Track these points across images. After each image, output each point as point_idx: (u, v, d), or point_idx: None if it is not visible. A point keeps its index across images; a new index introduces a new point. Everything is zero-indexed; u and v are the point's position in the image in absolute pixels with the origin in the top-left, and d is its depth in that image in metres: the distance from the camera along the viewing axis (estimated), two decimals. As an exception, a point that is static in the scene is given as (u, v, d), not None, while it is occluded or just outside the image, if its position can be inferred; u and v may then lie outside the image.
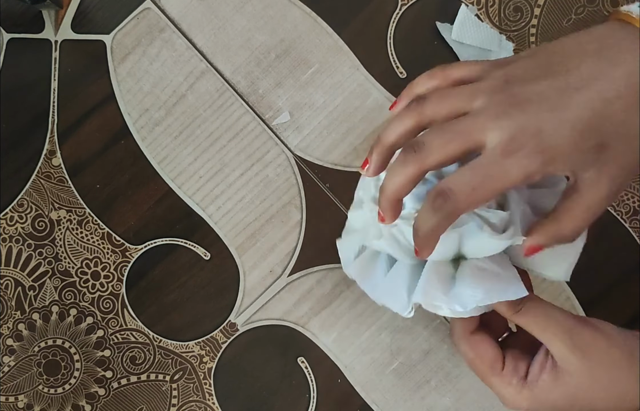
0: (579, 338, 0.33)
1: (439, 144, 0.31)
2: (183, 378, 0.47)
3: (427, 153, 0.31)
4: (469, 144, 0.31)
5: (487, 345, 0.35)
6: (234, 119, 0.48)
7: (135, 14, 0.49)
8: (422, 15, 0.48)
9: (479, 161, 0.30)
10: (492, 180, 0.30)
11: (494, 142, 0.30)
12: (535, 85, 0.31)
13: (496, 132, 0.30)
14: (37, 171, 0.48)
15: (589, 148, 0.30)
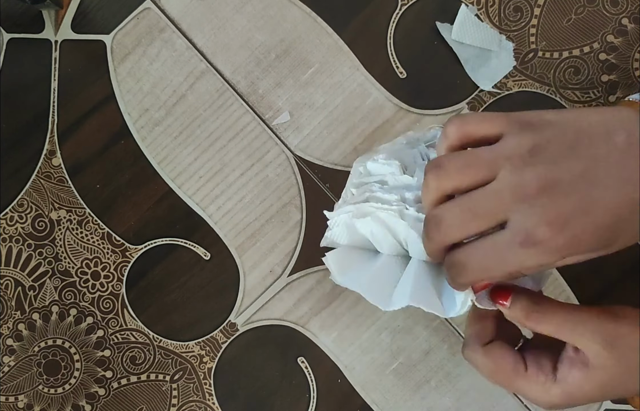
0: (607, 333, 0.32)
1: (459, 223, 0.31)
2: (183, 378, 0.47)
3: (447, 231, 0.31)
4: (490, 224, 0.30)
5: (504, 351, 0.35)
6: (234, 119, 0.48)
7: (135, 14, 0.49)
8: (422, 15, 0.48)
9: (497, 241, 0.30)
10: (506, 265, 0.30)
11: (515, 226, 0.29)
12: (562, 168, 0.30)
13: (519, 217, 0.29)
14: (37, 171, 0.48)
15: (601, 247, 0.30)
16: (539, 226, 0.29)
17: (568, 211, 0.29)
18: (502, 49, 0.47)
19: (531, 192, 0.29)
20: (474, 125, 0.32)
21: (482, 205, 0.30)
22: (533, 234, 0.29)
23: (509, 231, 0.30)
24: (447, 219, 0.31)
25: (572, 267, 0.45)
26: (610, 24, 0.47)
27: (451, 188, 0.31)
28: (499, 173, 0.30)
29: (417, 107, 0.47)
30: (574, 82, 0.47)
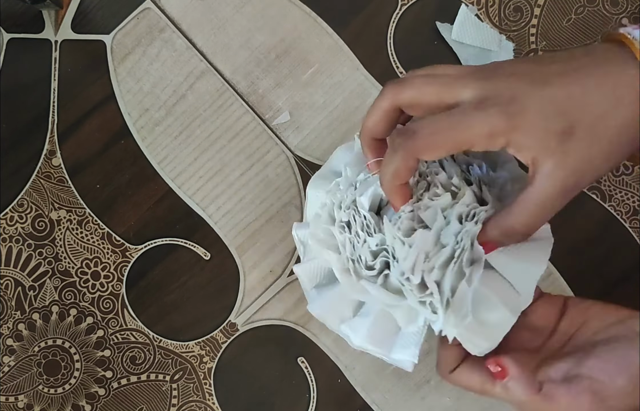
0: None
1: (418, 83, 0.31)
2: (183, 378, 0.47)
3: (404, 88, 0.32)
4: (445, 93, 0.31)
5: (470, 375, 0.35)
6: (234, 119, 0.48)
7: (135, 14, 0.49)
8: (422, 15, 0.48)
9: (449, 111, 0.31)
10: (456, 129, 0.30)
11: (468, 97, 0.30)
12: (521, 65, 0.31)
13: (473, 89, 0.30)
14: (37, 171, 0.48)
15: (556, 130, 0.30)
16: (489, 93, 0.30)
17: (521, 86, 0.30)
18: (502, 49, 0.47)
19: (488, 75, 0.31)
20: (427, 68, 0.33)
21: (442, 77, 0.31)
22: (484, 99, 0.30)
23: (466, 102, 0.30)
24: (408, 78, 0.32)
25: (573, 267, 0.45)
26: (610, 24, 0.47)
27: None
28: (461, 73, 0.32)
29: (417, 107, 0.47)
30: (574, 82, 0.47)
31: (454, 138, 0.30)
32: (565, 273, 0.46)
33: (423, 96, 0.31)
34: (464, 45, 0.47)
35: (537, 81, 0.30)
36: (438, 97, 0.31)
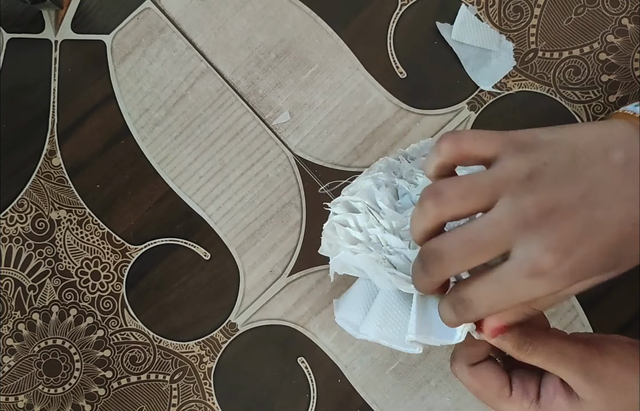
0: (592, 368, 0.32)
1: (461, 256, 0.30)
2: (183, 378, 0.47)
3: (449, 265, 0.30)
4: (492, 256, 0.29)
5: (491, 373, 0.34)
6: (234, 119, 0.48)
7: (135, 14, 0.49)
8: (422, 15, 0.48)
9: (503, 274, 0.29)
10: (514, 297, 0.29)
11: (519, 257, 0.29)
12: (562, 192, 0.29)
13: (523, 247, 0.29)
14: (37, 171, 0.48)
15: (610, 268, 0.30)
16: (543, 255, 0.28)
17: (571, 236, 0.29)
18: (502, 48, 0.47)
19: (532, 220, 0.29)
20: (469, 143, 0.31)
21: (483, 235, 0.29)
22: (538, 263, 0.28)
23: (513, 262, 0.29)
24: (449, 252, 0.30)
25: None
26: (610, 23, 0.47)
27: (450, 216, 0.30)
28: (498, 201, 0.30)
29: (417, 107, 0.47)
30: (574, 82, 0.47)
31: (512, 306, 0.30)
32: (565, 273, 0.46)
33: (470, 266, 0.30)
34: (464, 45, 0.47)
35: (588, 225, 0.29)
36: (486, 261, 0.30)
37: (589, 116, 0.47)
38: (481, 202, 0.30)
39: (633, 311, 0.45)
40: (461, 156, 0.31)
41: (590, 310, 0.46)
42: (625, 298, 0.46)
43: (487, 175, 0.30)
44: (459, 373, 0.35)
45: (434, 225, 0.31)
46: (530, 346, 0.33)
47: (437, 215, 0.30)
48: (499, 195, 0.29)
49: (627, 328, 0.45)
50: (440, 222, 0.30)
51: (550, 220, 0.29)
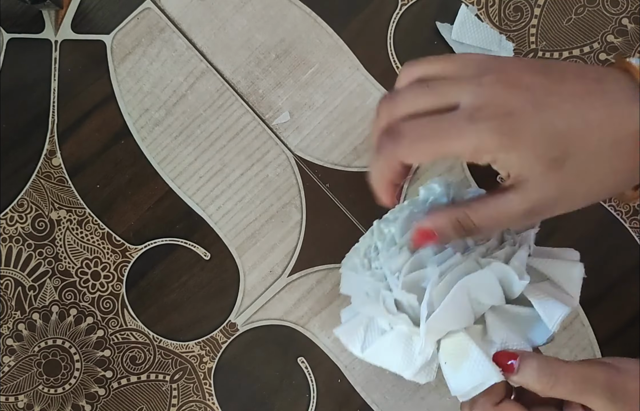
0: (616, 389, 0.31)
1: (411, 96, 0.30)
2: (183, 378, 0.47)
3: (398, 103, 0.30)
4: (440, 101, 0.29)
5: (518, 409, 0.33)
6: (234, 119, 0.48)
7: (135, 14, 0.49)
8: (422, 15, 0.48)
9: (440, 116, 0.29)
10: (443, 137, 0.29)
11: (465, 104, 0.29)
12: (527, 74, 0.29)
13: (471, 95, 0.29)
14: (37, 171, 0.48)
15: (547, 158, 0.29)
16: (486, 105, 0.28)
17: (519, 103, 0.28)
18: (502, 48, 0.47)
19: (487, 81, 0.29)
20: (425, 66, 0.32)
21: (438, 84, 0.30)
22: (478, 110, 0.28)
23: (458, 110, 0.29)
24: (402, 92, 0.30)
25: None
26: (611, 24, 0.47)
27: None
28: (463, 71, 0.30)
29: (417, 107, 0.47)
30: (574, 82, 0.47)
31: (438, 148, 0.29)
32: (565, 273, 0.46)
33: (418, 106, 0.30)
34: (464, 45, 0.47)
35: (540, 102, 0.29)
36: (433, 106, 0.30)
37: (589, 116, 0.47)
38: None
39: (633, 312, 0.45)
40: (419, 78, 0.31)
41: (591, 310, 0.46)
42: (625, 298, 0.46)
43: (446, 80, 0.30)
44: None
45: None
46: (552, 377, 0.31)
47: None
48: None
49: (627, 328, 0.45)
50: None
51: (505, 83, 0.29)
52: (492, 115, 0.28)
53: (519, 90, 0.29)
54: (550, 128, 0.28)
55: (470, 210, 0.30)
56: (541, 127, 0.28)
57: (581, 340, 0.45)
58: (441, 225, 0.31)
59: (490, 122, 0.28)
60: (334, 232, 0.41)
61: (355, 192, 0.47)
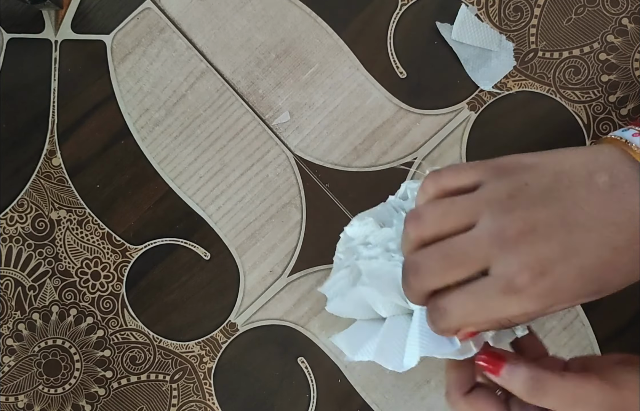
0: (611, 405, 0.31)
1: (438, 270, 0.30)
2: (183, 378, 0.47)
3: (425, 278, 0.30)
4: (470, 272, 0.30)
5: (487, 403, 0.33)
6: (234, 119, 0.48)
7: (135, 14, 0.49)
8: (422, 15, 0.48)
9: (479, 289, 0.29)
10: (489, 312, 0.29)
11: (496, 273, 0.29)
12: (541, 212, 0.29)
13: (500, 264, 0.29)
14: (37, 171, 0.48)
15: (588, 294, 0.29)
16: (519, 273, 0.28)
17: (548, 256, 0.28)
18: (502, 48, 0.47)
19: (510, 238, 0.29)
20: (451, 178, 0.32)
21: (461, 251, 0.30)
22: (513, 281, 0.28)
23: (490, 278, 0.29)
24: (425, 265, 0.30)
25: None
26: (610, 23, 0.47)
27: (430, 236, 0.31)
28: (478, 220, 0.30)
29: (417, 107, 0.47)
30: (574, 82, 0.47)
31: (487, 321, 0.30)
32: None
33: (448, 282, 0.30)
34: (464, 45, 0.47)
35: (566, 246, 0.29)
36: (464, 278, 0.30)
37: (589, 116, 0.47)
38: (460, 221, 0.30)
39: (633, 311, 0.45)
40: (444, 191, 0.32)
41: (591, 310, 0.46)
42: (625, 298, 0.46)
43: (468, 196, 0.31)
44: (455, 405, 0.34)
45: (416, 246, 0.31)
46: (541, 390, 0.31)
47: (416, 237, 0.31)
48: (479, 215, 0.30)
49: (627, 328, 0.45)
50: (421, 242, 0.31)
51: (528, 239, 0.29)
52: (528, 282, 0.28)
53: (542, 242, 0.29)
54: (584, 272, 0.29)
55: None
56: (575, 273, 0.29)
57: (581, 340, 0.45)
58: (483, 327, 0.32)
59: (528, 289, 0.28)
60: (334, 232, 0.41)
61: (355, 192, 0.47)
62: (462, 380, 0.34)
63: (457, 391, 0.34)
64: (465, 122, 0.47)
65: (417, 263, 0.31)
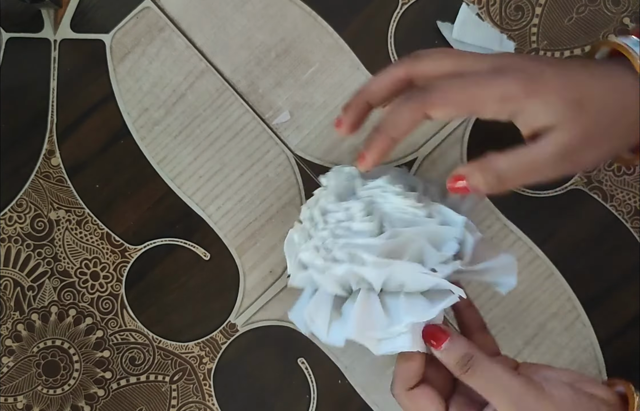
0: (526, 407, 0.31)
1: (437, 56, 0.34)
2: (183, 379, 0.47)
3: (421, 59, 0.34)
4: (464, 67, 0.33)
5: (428, 398, 0.34)
6: (233, 119, 0.48)
7: (135, 13, 0.49)
8: (423, 14, 0.48)
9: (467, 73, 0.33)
10: (469, 88, 0.31)
11: (489, 65, 0.32)
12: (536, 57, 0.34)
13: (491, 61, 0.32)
14: (36, 171, 0.48)
15: (571, 99, 0.31)
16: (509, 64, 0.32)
17: (537, 66, 0.32)
18: (504, 48, 0.47)
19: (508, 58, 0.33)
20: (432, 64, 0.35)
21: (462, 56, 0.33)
22: (503, 66, 0.32)
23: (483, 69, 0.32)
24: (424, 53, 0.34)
25: (574, 267, 0.45)
26: (612, 23, 0.46)
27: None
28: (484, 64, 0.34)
29: (418, 107, 0.47)
30: (575, 81, 0.47)
31: (467, 98, 0.31)
32: (566, 274, 0.46)
33: (442, 67, 0.32)
34: (464, 45, 0.47)
35: (554, 64, 0.32)
36: (456, 69, 0.32)
37: (590, 116, 0.46)
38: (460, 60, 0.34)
39: (633, 311, 0.45)
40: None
41: (591, 310, 0.46)
42: (625, 298, 0.46)
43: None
44: (397, 396, 0.35)
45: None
46: (470, 368, 0.32)
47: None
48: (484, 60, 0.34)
49: (628, 328, 0.45)
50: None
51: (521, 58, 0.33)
52: (515, 70, 0.32)
53: (534, 59, 0.33)
54: (568, 77, 0.32)
55: (500, 160, 0.32)
56: (561, 76, 0.32)
57: (582, 341, 0.45)
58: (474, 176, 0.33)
59: (514, 73, 0.31)
60: (334, 232, 0.41)
61: (356, 192, 0.47)
62: (409, 375, 0.34)
63: (401, 385, 0.34)
64: (466, 122, 0.47)
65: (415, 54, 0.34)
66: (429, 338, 0.33)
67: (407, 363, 0.34)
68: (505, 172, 0.32)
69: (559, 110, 0.31)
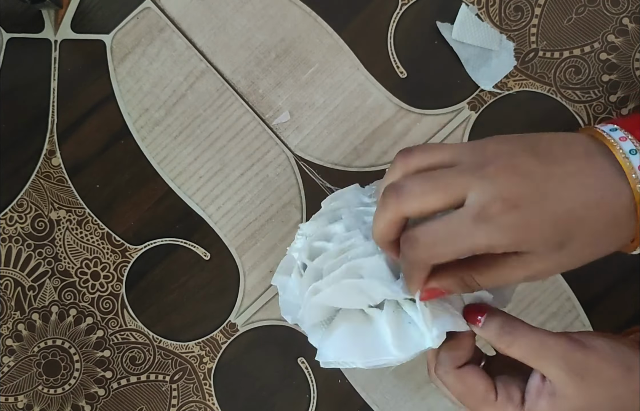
0: (574, 362, 0.32)
1: (419, 192, 0.31)
2: (183, 379, 0.47)
3: (406, 199, 0.31)
4: (449, 198, 0.31)
5: (476, 377, 0.34)
6: (234, 119, 0.48)
7: (135, 13, 0.49)
8: (423, 14, 0.48)
9: (452, 217, 0.30)
10: (456, 240, 0.30)
11: (472, 202, 0.30)
12: (522, 159, 0.31)
13: (477, 192, 0.30)
14: (37, 171, 0.48)
15: (553, 242, 0.30)
16: (492, 201, 0.30)
17: (523, 193, 0.30)
18: (503, 48, 0.47)
19: (490, 171, 0.30)
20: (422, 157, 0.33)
21: (443, 178, 0.31)
22: (485, 208, 0.30)
23: (465, 207, 0.30)
24: (408, 186, 0.31)
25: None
26: (611, 23, 0.47)
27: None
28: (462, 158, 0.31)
29: (418, 107, 0.47)
30: (575, 81, 0.47)
31: (453, 250, 0.30)
32: (566, 274, 0.46)
33: (428, 206, 0.31)
34: (464, 45, 0.47)
35: (541, 190, 0.30)
36: (443, 204, 0.31)
37: (590, 116, 0.46)
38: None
39: (633, 311, 0.45)
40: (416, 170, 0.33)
41: (591, 310, 0.46)
42: (625, 298, 0.46)
43: (450, 170, 0.32)
44: (444, 376, 0.35)
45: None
46: (510, 336, 0.33)
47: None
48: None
49: (628, 328, 0.45)
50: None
51: (507, 173, 0.30)
52: (500, 211, 0.30)
53: (519, 178, 0.30)
54: (554, 217, 0.30)
55: (475, 272, 0.32)
56: (546, 217, 0.30)
57: (582, 340, 0.45)
58: (447, 285, 0.33)
59: (499, 219, 0.30)
60: (334, 232, 0.41)
61: (356, 192, 0.47)
62: (458, 354, 0.35)
63: (450, 363, 0.35)
64: (466, 122, 0.47)
65: (398, 184, 0.32)
66: (470, 317, 0.34)
67: (459, 341, 0.35)
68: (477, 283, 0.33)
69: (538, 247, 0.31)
